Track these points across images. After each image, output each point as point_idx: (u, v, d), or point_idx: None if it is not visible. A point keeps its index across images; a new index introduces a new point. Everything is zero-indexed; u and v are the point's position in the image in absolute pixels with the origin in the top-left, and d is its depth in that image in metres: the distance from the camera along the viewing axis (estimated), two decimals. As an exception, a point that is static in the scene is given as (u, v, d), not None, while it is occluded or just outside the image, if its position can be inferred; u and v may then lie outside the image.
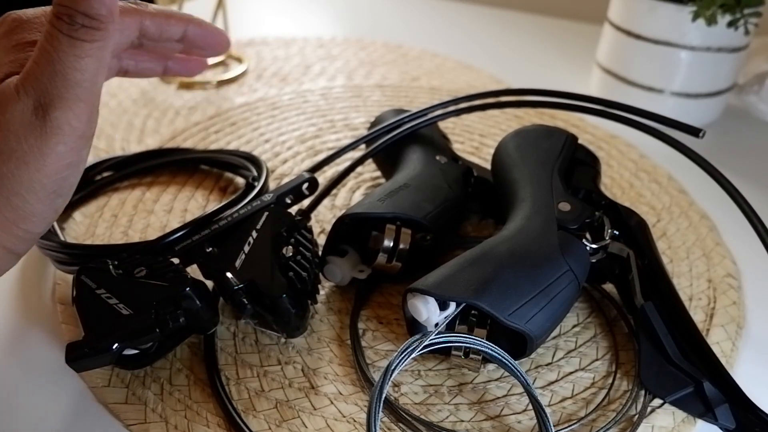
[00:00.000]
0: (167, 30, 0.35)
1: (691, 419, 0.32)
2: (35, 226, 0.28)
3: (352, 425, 0.31)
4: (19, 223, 0.27)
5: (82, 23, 0.24)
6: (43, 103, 0.25)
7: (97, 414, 0.31)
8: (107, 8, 0.25)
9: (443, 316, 0.32)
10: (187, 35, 0.36)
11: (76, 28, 0.24)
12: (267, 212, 0.36)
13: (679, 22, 0.57)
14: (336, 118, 0.61)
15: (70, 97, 0.25)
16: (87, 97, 0.26)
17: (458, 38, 0.86)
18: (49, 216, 0.28)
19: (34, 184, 0.26)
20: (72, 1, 0.24)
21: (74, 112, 0.26)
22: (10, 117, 0.25)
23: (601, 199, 0.38)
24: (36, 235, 0.29)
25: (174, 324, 0.31)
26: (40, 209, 0.27)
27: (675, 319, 0.34)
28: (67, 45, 0.25)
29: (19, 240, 0.28)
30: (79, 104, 0.26)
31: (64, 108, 0.25)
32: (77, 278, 0.32)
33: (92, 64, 0.26)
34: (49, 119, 0.25)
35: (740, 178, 0.38)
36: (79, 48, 0.25)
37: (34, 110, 0.25)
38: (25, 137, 0.25)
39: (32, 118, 0.25)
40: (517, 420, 0.31)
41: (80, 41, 0.25)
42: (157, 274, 0.32)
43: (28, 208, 0.27)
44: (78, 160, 0.28)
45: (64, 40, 0.25)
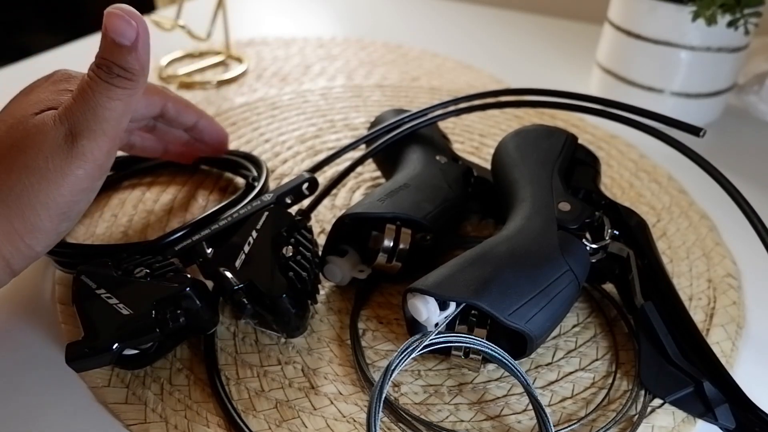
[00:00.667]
0: (183, 116, 0.42)
1: (691, 419, 0.32)
2: (37, 243, 0.31)
3: (352, 425, 0.31)
4: (24, 237, 0.30)
5: (118, 74, 0.30)
6: (74, 132, 0.30)
7: (97, 414, 0.31)
8: (140, 65, 0.30)
9: (443, 316, 0.32)
10: (197, 126, 0.43)
11: (113, 76, 0.30)
12: (267, 212, 0.36)
13: (679, 22, 0.57)
14: (336, 118, 0.61)
15: (97, 131, 0.30)
16: (111, 133, 0.30)
17: (458, 38, 0.86)
18: (51, 237, 0.31)
19: (50, 201, 0.30)
20: (113, 56, 0.29)
21: (98, 143, 0.30)
22: (44, 139, 0.29)
23: (601, 199, 0.38)
24: (35, 254, 0.31)
25: (174, 324, 0.31)
26: (47, 227, 0.30)
27: (675, 319, 0.34)
28: (104, 88, 0.30)
29: (19, 254, 0.30)
30: (104, 138, 0.30)
31: (90, 138, 0.30)
32: (77, 278, 0.32)
33: (120, 107, 0.30)
34: (76, 146, 0.30)
35: (740, 178, 0.38)
36: (113, 92, 0.30)
37: (65, 137, 0.30)
38: (52, 157, 0.29)
39: (62, 143, 0.29)
40: (517, 420, 0.31)
41: (114, 87, 0.30)
42: (157, 274, 0.32)
43: (37, 224, 0.30)
44: (91, 187, 0.31)
45: (102, 84, 0.30)
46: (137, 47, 0.29)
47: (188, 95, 0.64)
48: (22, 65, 0.69)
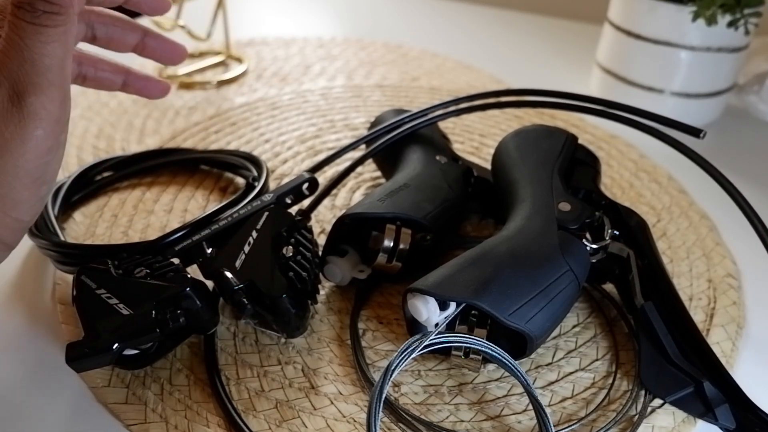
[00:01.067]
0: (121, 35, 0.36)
1: (691, 419, 0.32)
2: (23, 214, 0.29)
3: (352, 425, 0.31)
4: (8, 212, 0.28)
5: (44, 9, 0.25)
6: (17, 91, 0.26)
7: (97, 414, 0.31)
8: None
9: (443, 316, 0.32)
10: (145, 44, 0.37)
11: (38, 15, 0.25)
12: (267, 212, 0.36)
13: (679, 22, 0.57)
14: (336, 118, 0.61)
15: (42, 83, 0.26)
16: (58, 81, 0.27)
17: (458, 38, 0.86)
18: (35, 203, 0.29)
19: (19, 171, 0.27)
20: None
21: (48, 97, 0.27)
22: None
23: (601, 199, 0.38)
24: (25, 224, 0.29)
25: (174, 324, 0.31)
26: (26, 196, 0.28)
27: (675, 319, 0.34)
28: (32, 32, 0.25)
29: (9, 230, 0.29)
30: (51, 89, 0.27)
31: (37, 93, 0.26)
32: (77, 278, 0.32)
33: (59, 49, 0.26)
34: (25, 105, 0.26)
35: (740, 178, 0.38)
36: (44, 34, 0.26)
37: (9, 98, 0.26)
38: (5, 125, 0.26)
39: (9, 106, 0.26)
40: (517, 420, 0.31)
41: (44, 27, 0.25)
42: (157, 274, 0.32)
43: (15, 195, 0.28)
44: (56, 144, 0.28)
45: (29, 27, 0.25)
46: None
47: (188, 95, 0.64)
48: None
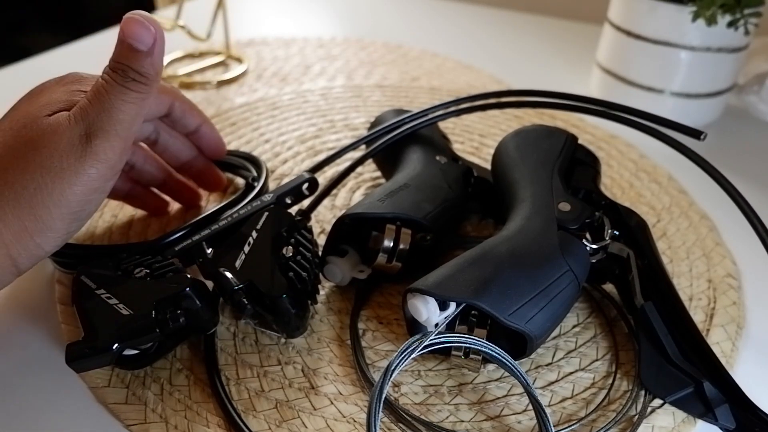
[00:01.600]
0: (188, 117, 0.42)
1: (691, 419, 0.32)
2: (47, 243, 0.31)
3: (352, 425, 0.31)
4: (34, 235, 0.30)
5: (134, 78, 0.30)
6: (89, 132, 0.30)
7: (97, 414, 0.31)
8: (155, 70, 0.31)
9: (443, 317, 0.32)
10: (199, 130, 0.43)
11: (128, 80, 0.30)
12: (267, 212, 0.36)
13: (679, 22, 0.57)
14: (336, 118, 0.61)
15: (111, 131, 0.30)
16: (123, 134, 0.31)
17: (458, 38, 0.86)
18: (61, 236, 0.31)
19: (63, 199, 0.30)
20: (128, 60, 0.30)
21: (111, 144, 0.31)
22: (59, 139, 0.30)
23: (601, 199, 0.38)
24: (43, 253, 0.31)
25: (174, 324, 0.31)
26: (58, 226, 0.30)
27: (675, 319, 0.34)
28: (118, 91, 0.30)
29: (27, 253, 0.30)
30: (117, 139, 0.31)
31: (104, 138, 0.30)
32: (77, 278, 0.32)
33: (134, 110, 0.31)
34: (91, 145, 0.30)
35: (740, 178, 0.38)
36: (127, 95, 0.30)
37: (80, 136, 0.30)
38: (67, 156, 0.30)
39: (77, 142, 0.30)
40: (517, 420, 0.31)
41: (129, 90, 0.30)
42: (157, 274, 0.32)
43: (49, 222, 0.30)
44: (103, 188, 0.32)
45: (117, 87, 0.30)
46: (153, 53, 0.30)
47: (188, 95, 0.64)
48: (22, 65, 0.69)
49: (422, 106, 0.46)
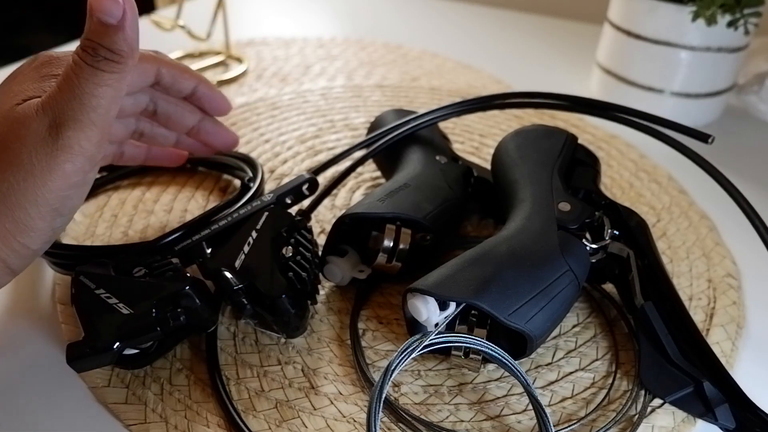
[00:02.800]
0: (180, 82, 0.38)
1: (691, 419, 0.32)
2: (32, 242, 0.29)
3: (352, 425, 0.31)
4: (17, 236, 0.28)
5: (105, 56, 0.27)
6: (58, 123, 0.27)
7: (97, 414, 0.31)
8: (128, 45, 0.27)
9: (443, 316, 0.32)
10: (196, 92, 0.40)
11: (99, 59, 0.27)
12: (267, 212, 0.36)
13: (679, 22, 0.57)
14: (336, 118, 0.61)
15: (84, 120, 0.28)
16: (100, 122, 0.28)
17: (458, 38, 0.86)
18: (46, 234, 0.30)
19: (38, 198, 0.28)
20: (98, 37, 0.27)
21: (86, 134, 0.28)
22: (26, 132, 0.27)
23: (601, 199, 0.38)
24: (32, 252, 0.30)
25: (175, 322, 0.31)
26: (40, 225, 0.29)
27: (675, 319, 0.34)
28: (89, 73, 0.27)
29: (15, 254, 0.29)
30: (92, 128, 0.28)
31: (76, 129, 0.28)
32: (76, 279, 0.32)
33: (108, 93, 0.28)
34: (62, 137, 0.27)
35: (740, 178, 0.38)
36: (99, 77, 0.27)
37: (49, 128, 0.27)
38: (36, 151, 0.27)
39: (46, 135, 0.27)
40: (517, 420, 0.31)
41: (101, 71, 0.27)
42: (156, 274, 0.32)
43: (28, 222, 0.28)
44: (83, 181, 0.29)
45: (87, 69, 0.27)
46: (124, 26, 0.27)
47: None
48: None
49: (422, 106, 0.46)
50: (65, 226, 0.31)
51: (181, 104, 0.40)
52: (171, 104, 0.40)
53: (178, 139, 0.42)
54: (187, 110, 0.41)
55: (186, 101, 0.40)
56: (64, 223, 0.31)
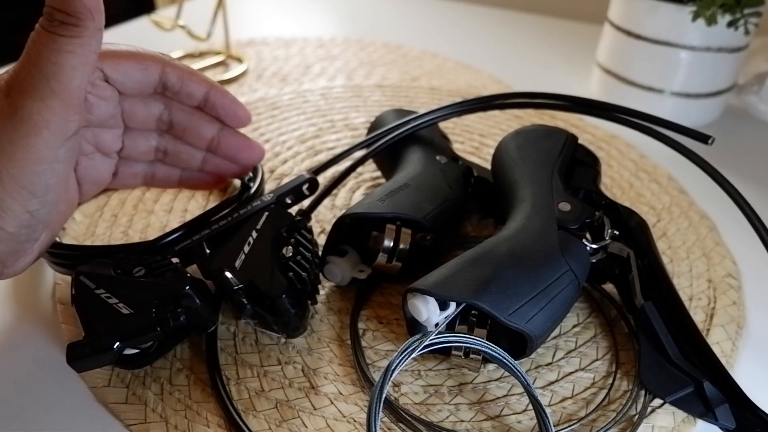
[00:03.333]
0: (189, 85, 0.36)
1: (691, 419, 0.32)
2: (5, 223, 0.28)
3: (352, 425, 0.31)
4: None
5: (61, 20, 0.26)
6: (16, 92, 0.26)
7: (97, 414, 0.31)
8: (85, 7, 0.26)
9: (443, 316, 0.32)
10: (209, 99, 0.37)
11: (55, 24, 0.26)
12: (267, 212, 0.36)
13: (679, 22, 0.57)
14: (336, 118, 0.61)
15: (44, 89, 0.26)
16: (62, 91, 0.27)
17: (458, 38, 0.86)
18: (21, 216, 0.28)
19: (2, 174, 0.26)
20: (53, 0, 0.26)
21: (46, 104, 0.26)
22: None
23: (601, 199, 0.38)
24: (8, 235, 0.28)
25: (175, 322, 0.31)
26: (11, 205, 0.27)
27: (675, 319, 0.34)
28: (45, 38, 0.26)
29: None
30: (53, 97, 0.26)
31: (35, 98, 0.26)
32: (76, 279, 0.32)
33: (70, 60, 0.26)
34: (21, 107, 0.26)
35: (740, 178, 0.38)
36: (57, 42, 0.26)
37: (6, 98, 0.26)
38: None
39: (5, 105, 0.26)
40: (518, 420, 0.31)
41: (57, 36, 0.26)
42: (156, 274, 0.32)
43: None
44: (52, 157, 0.28)
45: (44, 35, 0.26)
46: None
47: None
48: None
49: (422, 106, 0.46)
50: (46, 210, 0.29)
51: (197, 114, 0.38)
52: (186, 114, 0.38)
53: (205, 158, 0.40)
54: (205, 120, 0.38)
55: (201, 111, 0.38)
56: (43, 205, 0.29)
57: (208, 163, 0.40)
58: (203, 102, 0.37)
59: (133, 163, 0.38)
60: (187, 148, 0.39)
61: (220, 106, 0.38)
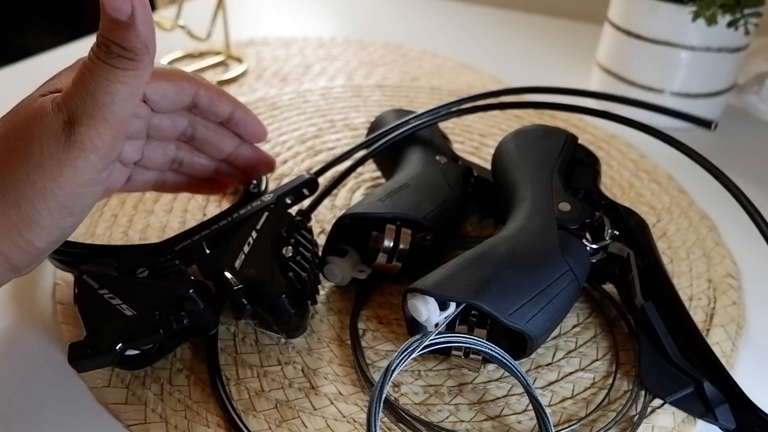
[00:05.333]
0: (217, 105, 0.37)
1: (691, 419, 0.32)
2: (38, 239, 0.29)
3: (352, 425, 0.31)
4: (22, 231, 0.28)
5: (118, 53, 0.27)
6: (71, 119, 0.27)
7: (97, 414, 0.31)
8: (141, 42, 0.27)
9: (443, 317, 0.32)
10: (233, 118, 0.39)
11: (112, 56, 0.27)
12: (267, 212, 0.36)
13: (679, 22, 0.57)
14: (336, 118, 0.61)
15: (97, 117, 0.27)
16: (113, 120, 0.28)
17: (458, 38, 0.86)
18: (54, 233, 0.29)
19: (47, 192, 0.28)
20: (110, 34, 0.27)
21: (98, 131, 0.28)
22: (39, 125, 0.27)
23: (601, 199, 0.38)
24: (38, 251, 0.29)
25: (178, 325, 0.31)
26: (47, 222, 0.28)
27: (675, 319, 0.34)
28: (102, 70, 0.27)
29: (19, 250, 0.28)
30: (105, 125, 0.28)
31: (89, 125, 0.27)
32: (79, 278, 0.32)
33: (123, 91, 0.28)
34: (74, 134, 0.27)
35: (740, 178, 0.38)
36: (113, 74, 0.27)
37: (63, 124, 0.27)
38: (47, 145, 0.27)
39: (59, 130, 0.27)
40: (517, 420, 0.31)
41: (114, 68, 0.27)
42: (159, 275, 0.32)
43: (35, 217, 0.28)
44: (95, 180, 0.29)
45: (100, 65, 0.27)
46: (135, 23, 0.26)
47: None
48: (22, 65, 0.69)
49: (422, 106, 0.46)
50: (75, 228, 0.30)
51: (219, 130, 0.39)
52: (210, 130, 0.39)
53: (218, 168, 0.41)
54: (226, 136, 0.39)
55: (223, 127, 0.39)
56: (75, 223, 0.30)
57: (220, 173, 0.41)
58: (227, 119, 0.39)
59: (147, 172, 0.39)
60: (202, 159, 0.40)
61: (243, 124, 0.39)
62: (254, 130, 0.40)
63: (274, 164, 0.43)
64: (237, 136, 0.40)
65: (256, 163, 0.41)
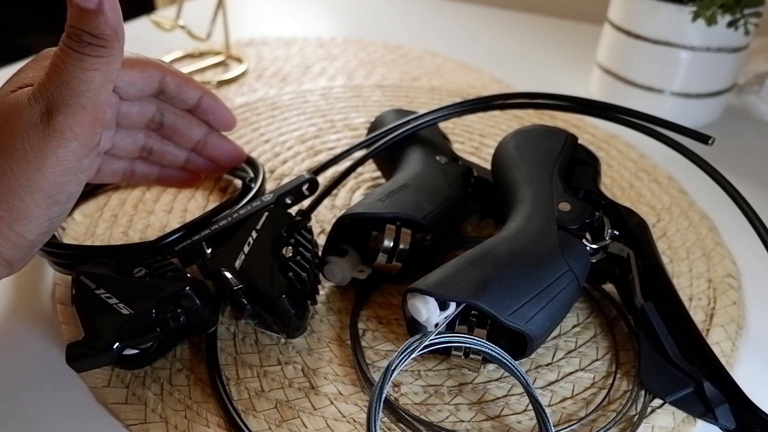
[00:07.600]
0: (185, 91, 0.38)
1: (691, 419, 0.32)
2: (27, 231, 0.29)
3: (352, 425, 0.31)
4: (12, 225, 0.28)
5: (89, 41, 0.27)
6: (49, 109, 0.28)
7: (97, 414, 0.31)
8: (111, 29, 0.28)
9: (443, 317, 0.32)
10: (201, 104, 0.40)
11: (83, 45, 0.27)
12: (267, 212, 0.36)
13: (679, 22, 0.57)
14: (336, 118, 0.61)
15: (74, 105, 0.28)
16: (90, 107, 0.29)
17: (458, 38, 0.86)
18: (43, 223, 0.29)
19: (32, 184, 0.28)
20: (80, 23, 0.27)
21: (76, 119, 0.28)
22: (18, 118, 0.28)
23: (601, 199, 0.38)
24: (29, 243, 0.30)
25: (175, 323, 0.31)
26: (35, 213, 0.29)
27: (675, 319, 0.34)
28: (75, 59, 0.28)
29: (10, 244, 0.29)
30: (82, 112, 0.28)
31: (66, 113, 0.28)
32: (76, 278, 0.32)
33: (97, 77, 0.28)
34: (53, 122, 0.28)
35: (740, 178, 0.38)
36: (86, 61, 0.28)
37: (41, 114, 0.28)
38: (28, 137, 0.28)
39: (38, 120, 0.28)
40: (517, 420, 0.31)
41: (86, 56, 0.28)
42: (156, 274, 0.32)
43: (23, 210, 0.28)
44: (77, 167, 0.29)
45: (73, 54, 0.28)
46: (104, 10, 0.27)
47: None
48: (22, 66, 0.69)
49: (422, 106, 0.46)
50: (64, 217, 0.31)
51: (187, 117, 0.40)
52: (178, 116, 0.40)
53: (188, 158, 0.42)
54: (194, 123, 0.40)
55: (191, 114, 0.40)
56: (62, 213, 0.30)
57: (191, 162, 0.42)
58: (195, 106, 0.39)
59: (116, 161, 0.39)
60: (172, 148, 0.41)
61: (211, 111, 0.40)
62: (223, 117, 0.41)
63: (244, 155, 0.43)
64: (206, 123, 0.41)
65: (226, 152, 0.42)
